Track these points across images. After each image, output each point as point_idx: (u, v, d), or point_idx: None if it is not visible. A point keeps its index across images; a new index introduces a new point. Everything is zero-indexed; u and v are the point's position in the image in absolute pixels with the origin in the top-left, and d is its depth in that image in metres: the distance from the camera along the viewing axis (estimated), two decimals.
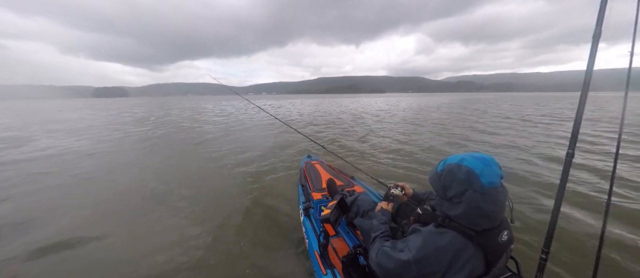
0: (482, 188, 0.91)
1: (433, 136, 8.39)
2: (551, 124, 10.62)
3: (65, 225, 2.89)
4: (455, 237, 0.97)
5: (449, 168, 0.99)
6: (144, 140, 8.23)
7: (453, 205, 0.98)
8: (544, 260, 1.17)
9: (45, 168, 5.05)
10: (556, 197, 1.14)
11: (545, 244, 1.18)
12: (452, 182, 0.97)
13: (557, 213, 1.15)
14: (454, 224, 0.99)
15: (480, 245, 0.96)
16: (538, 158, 5.38)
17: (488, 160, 0.97)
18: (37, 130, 10.48)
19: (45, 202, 3.55)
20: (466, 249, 0.96)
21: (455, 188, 0.96)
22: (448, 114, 16.66)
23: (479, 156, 0.98)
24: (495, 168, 0.95)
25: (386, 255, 1.08)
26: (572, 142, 1.10)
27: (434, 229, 1.03)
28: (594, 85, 1.01)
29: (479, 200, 0.91)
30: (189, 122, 13.52)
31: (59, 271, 2.22)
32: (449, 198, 0.99)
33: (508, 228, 1.01)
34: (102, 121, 14.39)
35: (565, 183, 1.12)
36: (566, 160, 1.11)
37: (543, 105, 23.49)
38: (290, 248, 2.41)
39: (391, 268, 1.04)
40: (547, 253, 1.17)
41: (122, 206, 3.39)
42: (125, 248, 2.49)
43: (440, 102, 35.66)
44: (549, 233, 1.17)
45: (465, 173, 0.94)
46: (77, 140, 8.17)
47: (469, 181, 0.93)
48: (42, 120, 15.12)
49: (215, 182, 4.12)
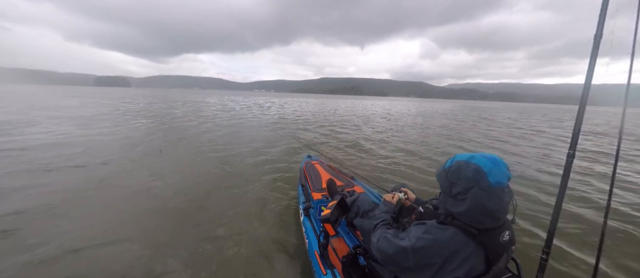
0: (489, 187, 0.91)
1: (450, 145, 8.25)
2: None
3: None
4: (456, 233, 0.98)
5: (457, 165, 1.00)
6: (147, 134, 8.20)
7: (457, 202, 0.99)
8: (545, 260, 1.18)
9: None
10: (557, 197, 1.15)
11: (546, 244, 1.18)
12: (458, 179, 0.98)
13: (558, 214, 1.16)
14: (456, 222, 1.00)
15: (481, 244, 0.97)
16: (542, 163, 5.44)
17: (498, 160, 0.97)
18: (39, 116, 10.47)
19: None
20: (467, 247, 0.96)
21: (462, 185, 0.96)
22: (459, 120, 16.62)
23: (489, 156, 0.99)
24: (504, 168, 0.95)
25: (387, 240, 1.10)
26: (572, 142, 1.11)
27: (436, 224, 1.04)
28: (600, 100, 1.03)
29: (485, 198, 0.92)
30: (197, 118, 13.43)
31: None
32: (454, 195, 1.00)
33: (510, 229, 1.02)
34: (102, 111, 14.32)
35: (567, 184, 1.13)
36: (567, 160, 1.12)
37: (556, 119, 22.86)
38: (290, 248, 2.41)
39: (390, 253, 1.07)
40: (548, 253, 1.18)
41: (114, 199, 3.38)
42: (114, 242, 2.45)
43: (446, 108, 35.57)
44: (550, 233, 1.18)
45: (473, 170, 0.94)
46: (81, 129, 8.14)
47: (476, 178, 0.93)
48: (44, 106, 15.09)
49: (215, 181, 4.08)
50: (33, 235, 2.46)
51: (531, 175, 4.75)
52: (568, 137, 10.61)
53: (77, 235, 2.48)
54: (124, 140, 6.80)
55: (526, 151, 7.23)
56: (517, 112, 31.98)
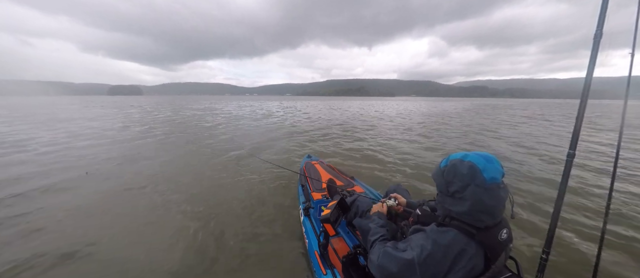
0: (484, 184, 0.93)
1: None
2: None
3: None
4: (457, 235, 0.98)
5: (452, 164, 1.01)
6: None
7: (455, 201, 1.00)
8: (545, 260, 1.18)
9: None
10: (557, 197, 1.16)
11: (546, 244, 1.19)
12: (454, 177, 0.99)
13: (558, 214, 1.16)
14: (455, 222, 1.00)
15: (480, 243, 0.97)
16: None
17: (491, 157, 0.99)
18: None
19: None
20: (469, 247, 0.97)
21: (458, 183, 0.98)
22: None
23: (482, 153, 1.01)
24: (497, 165, 0.98)
25: (388, 256, 1.05)
26: (572, 142, 1.11)
27: (436, 228, 1.03)
28: (607, 92, 1.02)
29: (482, 194, 0.93)
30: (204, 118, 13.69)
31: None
32: (451, 193, 1.01)
33: (507, 227, 1.03)
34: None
35: (567, 184, 1.13)
36: (567, 160, 1.12)
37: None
38: (290, 248, 2.42)
39: (395, 271, 1.01)
40: (548, 253, 1.18)
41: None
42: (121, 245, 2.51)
43: (459, 107, 34.67)
44: (550, 233, 1.18)
45: (468, 168, 0.96)
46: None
47: (471, 176, 0.95)
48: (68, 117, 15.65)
49: (214, 181, 4.16)
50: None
51: (531, 175, 4.64)
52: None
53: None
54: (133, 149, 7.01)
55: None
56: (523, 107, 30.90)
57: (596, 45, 1.03)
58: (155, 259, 2.28)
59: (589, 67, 1.05)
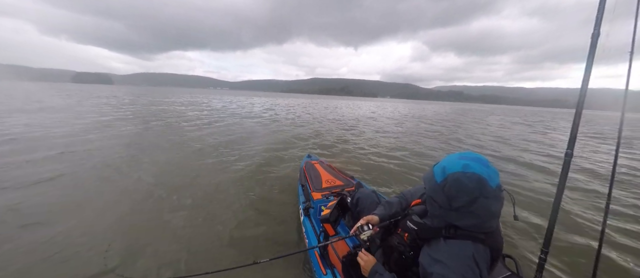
0: (492, 192, 0.91)
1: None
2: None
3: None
4: (473, 245, 0.94)
5: (454, 178, 0.93)
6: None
7: (461, 216, 0.94)
8: (544, 260, 1.19)
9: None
10: (555, 197, 1.16)
11: (544, 244, 1.19)
12: (459, 192, 0.92)
13: (557, 213, 1.16)
14: (461, 232, 0.95)
15: (488, 245, 0.96)
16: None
17: (483, 160, 0.96)
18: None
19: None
20: (484, 253, 0.94)
21: (464, 198, 0.91)
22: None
23: (476, 157, 0.97)
24: (492, 167, 0.95)
25: None
26: (570, 142, 1.12)
27: (450, 246, 0.95)
28: (597, 104, 1.04)
29: (490, 204, 0.92)
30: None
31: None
32: (456, 208, 0.94)
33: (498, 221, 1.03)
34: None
35: (565, 183, 1.14)
36: (565, 160, 1.13)
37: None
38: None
39: None
40: (547, 253, 1.19)
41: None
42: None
43: (439, 110, 35.44)
44: (549, 232, 1.18)
45: (476, 181, 0.90)
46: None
47: (480, 189, 0.90)
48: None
49: (214, 180, 3.99)
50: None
51: (531, 174, 4.83)
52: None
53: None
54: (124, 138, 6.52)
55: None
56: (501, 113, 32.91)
57: (594, 44, 1.02)
58: (155, 259, 2.18)
59: (587, 67, 1.04)
